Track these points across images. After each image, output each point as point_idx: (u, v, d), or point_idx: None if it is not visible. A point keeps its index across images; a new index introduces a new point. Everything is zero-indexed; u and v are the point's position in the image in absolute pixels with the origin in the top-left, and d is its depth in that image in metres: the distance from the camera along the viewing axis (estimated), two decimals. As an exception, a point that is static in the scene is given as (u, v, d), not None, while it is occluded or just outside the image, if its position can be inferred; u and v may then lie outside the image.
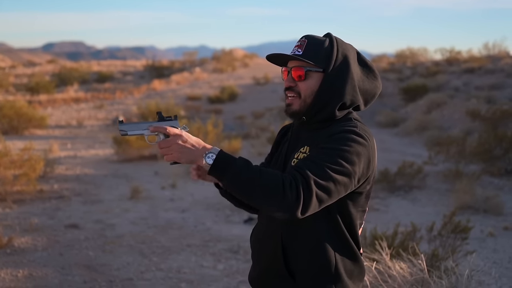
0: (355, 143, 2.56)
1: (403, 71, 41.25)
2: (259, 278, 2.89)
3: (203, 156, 2.51)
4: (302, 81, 2.72)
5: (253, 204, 2.55)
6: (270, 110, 27.63)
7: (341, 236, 2.70)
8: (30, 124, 21.94)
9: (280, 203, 2.41)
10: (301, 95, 2.73)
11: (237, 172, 2.45)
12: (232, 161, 2.48)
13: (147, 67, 55.13)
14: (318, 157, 2.53)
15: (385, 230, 6.92)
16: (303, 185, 2.42)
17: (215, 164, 2.48)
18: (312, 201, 2.43)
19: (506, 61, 36.89)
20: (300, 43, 2.74)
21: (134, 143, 15.56)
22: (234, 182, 2.47)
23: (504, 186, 12.52)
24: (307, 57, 2.69)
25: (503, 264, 7.68)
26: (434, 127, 21.21)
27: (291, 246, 2.72)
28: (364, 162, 2.59)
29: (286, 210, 2.42)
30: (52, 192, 11.68)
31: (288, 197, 2.39)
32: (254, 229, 3.00)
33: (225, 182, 2.50)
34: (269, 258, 2.78)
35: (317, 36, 2.77)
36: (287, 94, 2.78)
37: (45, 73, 50.48)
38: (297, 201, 2.40)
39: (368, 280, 4.99)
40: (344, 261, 2.70)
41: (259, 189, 2.43)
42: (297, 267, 2.71)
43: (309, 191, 2.42)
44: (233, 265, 7.58)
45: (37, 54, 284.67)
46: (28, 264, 7.39)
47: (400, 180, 12.13)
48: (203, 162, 2.50)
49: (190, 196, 11.59)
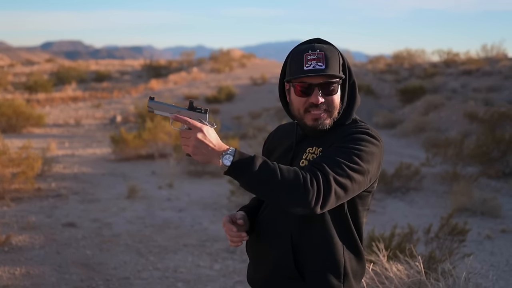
0: (369, 143, 2.60)
1: (400, 72, 41.24)
2: (264, 278, 2.87)
3: (219, 157, 2.49)
4: (332, 95, 2.70)
5: (270, 200, 2.58)
6: (267, 110, 27.60)
7: (349, 235, 2.73)
8: (28, 123, 21.94)
9: (301, 199, 2.42)
10: (330, 109, 2.70)
11: (256, 173, 2.46)
12: (249, 163, 2.47)
13: (145, 66, 55.05)
14: (335, 154, 2.55)
15: (382, 231, 6.92)
16: (323, 181, 2.44)
17: (232, 166, 2.48)
18: (331, 196, 2.46)
19: (504, 63, 36.88)
20: (317, 56, 2.65)
21: (131, 143, 15.56)
22: (252, 183, 2.48)
23: (501, 188, 12.53)
24: (332, 70, 2.66)
25: (500, 267, 7.69)
26: (431, 128, 21.21)
27: (301, 246, 2.72)
28: (376, 163, 2.63)
29: (307, 205, 2.43)
30: (49, 190, 11.67)
31: (309, 192, 2.41)
32: (255, 236, 2.95)
33: (242, 182, 2.50)
34: (278, 258, 2.77)
35: (324, 45, 2.71)
36: (311, 110, 2.71)
37: (43, 72, 50.49)
38: (318, 196, 2.43)
39: (365, 281, 4.99)
40: (351, 260, 2.73)
41: (279, 186, 2.43)
42: (307, 267, 2.72)
43: (328, 187, 2.45)
44: (229, 265, 7.59)
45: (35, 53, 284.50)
46: (25, 262, 7.40)
47: (397, 182, 12.13)
48: (220, 163, 2.49)
49: (187, 196, 11.58)
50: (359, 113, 2.89)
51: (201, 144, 2.50)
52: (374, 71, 43.01)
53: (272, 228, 2.83)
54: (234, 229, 2.81)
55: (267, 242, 2.85)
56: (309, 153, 2.73)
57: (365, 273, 4.95)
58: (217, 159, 2.50)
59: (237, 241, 2.84)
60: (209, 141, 2.51)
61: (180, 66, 57.44)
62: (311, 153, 2.72)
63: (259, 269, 2.90)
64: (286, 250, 2.73)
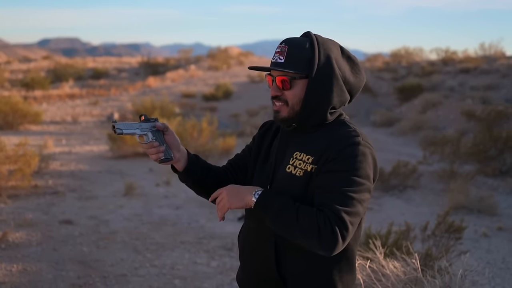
0: (364, 156, 2.56)
1: (398, 70, 41.29)
2: (249, 280, 2.87)
3: (252, 194, 2.59)
4: (287, 90, 2.66)
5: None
6: (264, 108, 27.59)
7: None
8: (25, 120, 21.89)
9: (319, 245, 2.44)
10: (289, 103, 2.68)
11: (273, 215, 2.52)
12: (269, 204, 2.55)
13: (142, 64, 55.04)
14: (337, 185, 2.52)
15: (379, 229, 6.93)
16: (337, 221, 2.43)
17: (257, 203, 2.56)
18: (349, 231, 2.46)
19: (502, 61, 36.91)
20: (281, 50, 2.65)
21: (128, 140, 15.54)
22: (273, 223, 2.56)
23: (498, 186, 12.55)
24: (290, 65, 2.63)
25: (496, 264, 7.71)
26: (429, 127, 21.24)
27: (284, 250, 2.70)
28: (374, 170, 2.62)
29: (326, 249, 2.45)
30: (46, 187, 11.66)
31: (324, 238, 2.42)
32: (242, 230, 2.97)
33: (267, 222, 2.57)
34: (261, 261, 2.76)
35: (297, 39, 2.68)
36: (274, 102, 2.73)
37: (41, 69, 50.44)
38: (335, 239, 2.43)
39: (361, 278, 4.99)
40: (340, 269, 2.69)
41: (297, 231, 2.47)
42: (289, 273, 2.69)
43: (344, 224, 2.44)
44: (226, 262, 7.59)
45: (32, 50, 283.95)
46: (22, 259, 7.39)
47: (394, 180, 12.15)
48: (252, 199, 2.58)
49: (184, 193, 11.57)
50: (357, 111, 2.87)
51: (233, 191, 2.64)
52: (372, 70, 43.00)
53: (256, 231, 2.81)
54: (156, 144, 2.85)
55: (252, 245, 2.84)
56: (296, 159, 2.68)
57: (361, 270, 4.97)
58: (250, 197, 2.59)
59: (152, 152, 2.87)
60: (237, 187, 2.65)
61: (177, 64, 57.46)
62: (298, 159, 2.66)
63: (245, 271, 2.90)
64: (269, 254, 2.72)
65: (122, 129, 2.80)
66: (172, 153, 2.89)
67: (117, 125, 2.79)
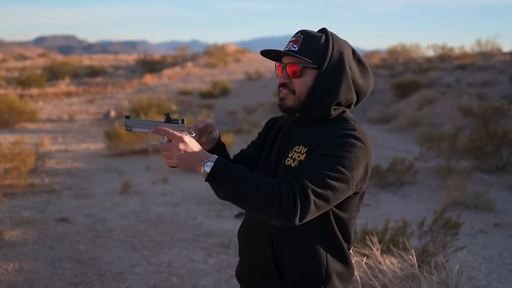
0: (354, 148, 2.53)
1: (395, 67, 41.31)
2: (247, 276, 2.87)
3: (201, 164, 2.47)
4: (297, 78, 2.67)
5: (247, 211, 2.55)
6: (262, 105, 27.58)
7: (333, 237, 2.67)
8: (21, 118, 21.86)
9: (277, 213, 2.39)
10: (296, 92, 2.68)
11: (233, 181, 2.43)
12: (228, 170, 2.45)
13: (139, 61, 55.00)
14: (316, 164, 2.50)
15: (375, 225, 6.94)
16: (300, 194, 2.40)
17: (212, 172, 2.45)
18: (309, 210, 2.42)
19: (498, 58, 36.95)
20: (296, 39, 2.68)
21: (125, 138, 15.53)
22: (229, 192, 2.45)
23: (495, 182, 12.57)
24: (303, 54, 2.64)
25: (493, 260, 7.71)
26: (425, 123, 21.25)
27: (281, 245, 2.69)
28: (363, 167, 2.57)
29: (283, 219, 2.40)
30: (43, 186, 11.65)
31: (285, 207, 2.38)
32: (242, 226, 2.97)
33: (220, 192, 2.48)
34: (259, 257, 2.76)
35: (313, 32, 2.71)
36: (280, 90, 2.73)
37: (37, 66, 50.33)
38: (294, 211, 2.39)
39: (358, 275, 4.99)
40: (335, 262, 2.68)
41: (256, 198, 2.41)
42: (286, 266, 2.69)
43: (306, 200, 2.40)
44: (223, 259, 7.58)
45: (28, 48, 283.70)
46: (18, 258, 7.38)
47: (391, 176, 12.15)
48: (201, 170, 2.47)
49: (181, 191, 11.57)
50: (354, 108, 2.85)
51: (184, 154, 2.49)
52: (369, 66, 42.97)
53: (254, 226, 2.82)
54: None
55: (250, 240, 2.84)
56: (296, 152, 2.68)
57: (358, 267, 4.97)
58: (199, 166, 2.48)
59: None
60: (191, 150, 2.50)
61: (174, 61, 57.44)
62: (297, 152, 2.66)
63: (244, 266, 2.90)
64: (266, 249, 2.71)
65: (132, 127, 2.69)
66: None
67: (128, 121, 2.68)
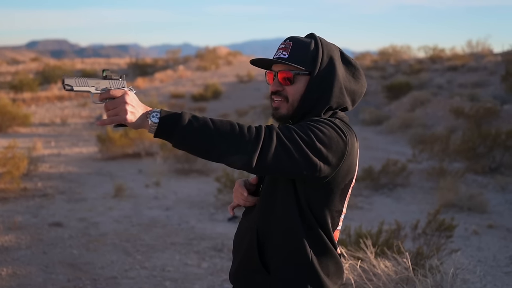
0: (330, 128, 2.51)
1: (386, 68, 41.39)
2: (236, 272, 2.86)
3: (147, 117, 2.35)
4: (289, 85, 2.66)
5: (209, 156, 2.40)
6: (253, 107, 27.60)
7: (316, 234, 2.64)
8: (13, 122, 21.81)
9: (238, 146, 2.33)
10: (289, 99, 2.67)
11: (186, 126, 2.32)
12: (178, 117, 2.34)
13: (131, 65, 54.91)
14: (288, 127, 2.48)
15: (369, 228, 6.93)
16: (265, 132, 2.37)
17: (161, 122, 2.34)
18: (270, 151, 2.35)
19: (489, 59, 37.05)
20: (285, 46, 2.68)
21: (118, 141, 15.51)
22: (184, 137, 2.34)
23: (488, 184, 12.58)
24: (294, 61, 2.64)
25: (487, 262, 7.72)
26: (418, 125, 21.27)
27: (266, 240, 2.69)
28: (336, 151, 2.50)
29: (244, 152, 2.33)
30: (35, 190, 11.61)
31: (246, 139, 2.33)
32: (237, 229, 2.98)
33: (175, 139, 2.35)
34: (245, 251, 2.76)
35: (301, 38, 2.71)
36: (274, 98, 2.72)
37: (29, 71, 50.23)
38: (256, 144, 2.34)
39: (352, 278, 4.99)
40: (319, 258, 2.65)
41: (213, 136, 2.32)
42: (271, 260, 2.68)
43: (270, 139, 2.36)
44: (217, 263, 7.57)
45: (20, 52, 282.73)
46: (11, 263, 7.35)
47: (384, 178, 12.16)
48: (148, 122, 2.34)
49: (173, 194, 11.56)
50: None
51: (132, 107, 2.36)
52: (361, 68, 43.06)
53: (244, 224, 2.85)
54: (245, 193, 2.80)
55: (239, 238, 2.86)
56: None
57: (352, 270, 4.97)
58: (145, 120, 2.36)
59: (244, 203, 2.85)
60: (136, 104, 2.38)
61: (166, 64, 57.40)
62: None
63: (234, 264, 2.90)
64: (252, 244, 2.71)
65: (72, 85, 2.45)
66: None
67: (67, 79, 2.44)
